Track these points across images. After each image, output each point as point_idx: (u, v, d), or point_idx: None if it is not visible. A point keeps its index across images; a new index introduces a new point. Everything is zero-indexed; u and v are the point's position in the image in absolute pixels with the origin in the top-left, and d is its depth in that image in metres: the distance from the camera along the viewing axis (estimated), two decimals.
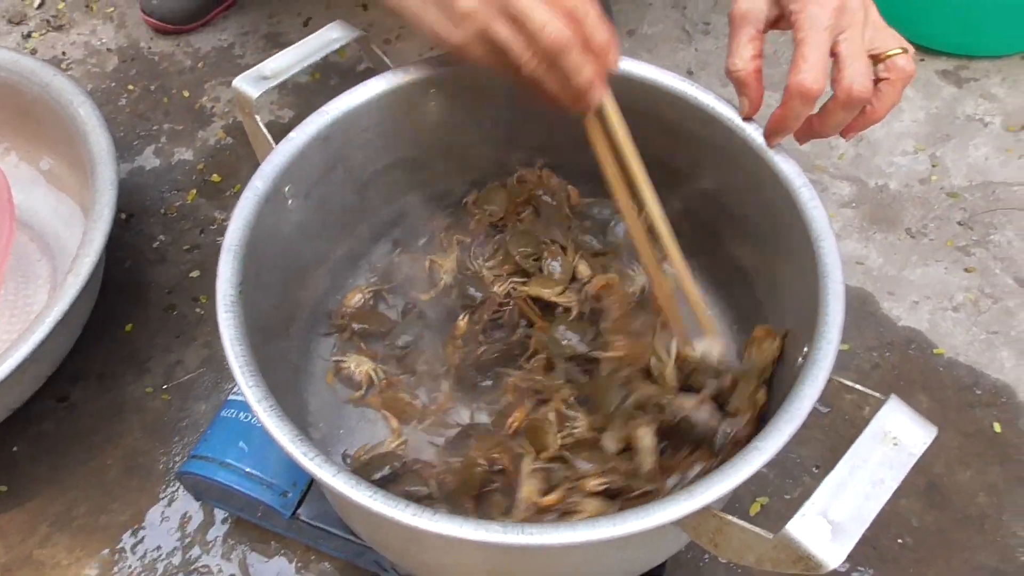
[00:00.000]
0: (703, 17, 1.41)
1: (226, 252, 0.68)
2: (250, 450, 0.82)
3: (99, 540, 0.93)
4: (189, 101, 1.31)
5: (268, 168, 0.73)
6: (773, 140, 0.74)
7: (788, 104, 0.69)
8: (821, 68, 0.67)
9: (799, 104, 0.69)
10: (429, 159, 0.88)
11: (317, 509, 0.81)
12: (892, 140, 1.25)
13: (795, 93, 0.68)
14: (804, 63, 0.67)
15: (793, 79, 0.68)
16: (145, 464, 0.98)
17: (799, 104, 0.69)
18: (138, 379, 1.04)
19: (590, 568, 0.65)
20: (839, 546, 0.53)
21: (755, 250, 0.82)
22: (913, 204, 1.19)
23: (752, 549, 0.57)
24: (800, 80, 0.67)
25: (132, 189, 1.20)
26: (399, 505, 0.55)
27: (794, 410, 0.60)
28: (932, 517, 0.95)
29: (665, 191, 0.89)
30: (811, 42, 0.67)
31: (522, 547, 0.54)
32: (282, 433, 0.59)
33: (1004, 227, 1.16)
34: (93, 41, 1.40)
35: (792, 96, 0.68)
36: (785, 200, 0.73)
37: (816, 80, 0.67)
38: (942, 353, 1.06)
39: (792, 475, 0.97)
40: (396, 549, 0.71)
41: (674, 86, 0.80)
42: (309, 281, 0.84)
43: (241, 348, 0.63)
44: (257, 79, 0.76)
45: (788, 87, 0.68)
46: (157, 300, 1.10)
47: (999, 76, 1.32)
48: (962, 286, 1.11)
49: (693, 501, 0.56)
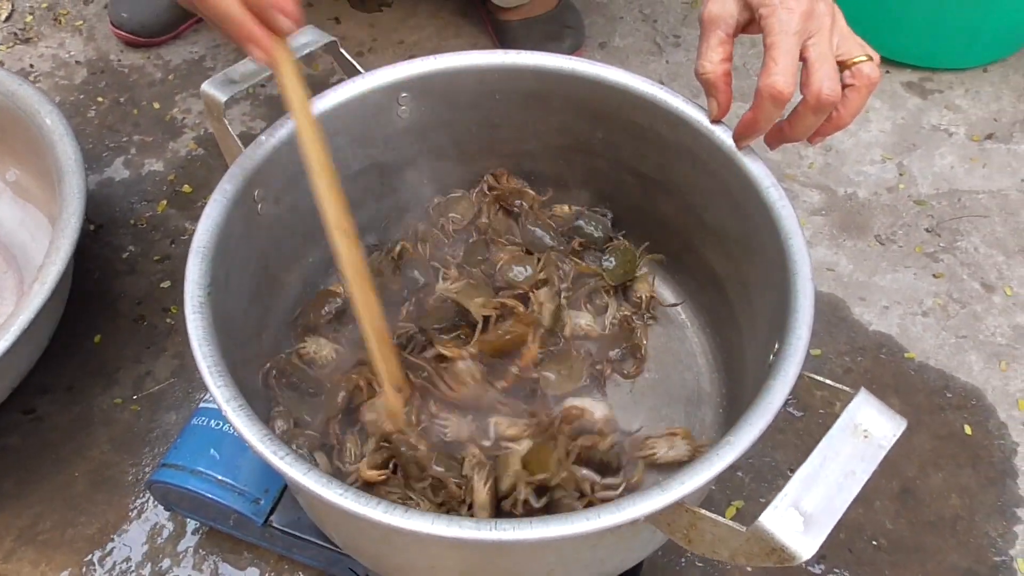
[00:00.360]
0: (673, 30, 1.42)
1: (194, 254, 0.67)
2: (221, 458, 0.81)
3: (65, 554, 0.91)
4: (159, 113, 1.30)
5: (237, 170, 0.73)
6: (742, 143, 0.75)
7: (759, 107, 0.70)
8: (792, 71, 0.68)
9: (770, 106, 0.69)
10: (399, 165, 0.88)
11: (290, 516, 0.80)
12: (860, 149, 1.27)
13: (766, 95, 0.68)
14: (775, 66, 0.68)
15: (764, 82, 0.68)
16: (113, 477, 0.96)
17: (770, 106, 0.69)
18: (106, 391, 1.02)
19: (565, 569, 0.65)
20: (811, 537, 0.53)
21: (725, 253, 0.83)
22: (882, 212, 1.20)
23: (726, 543, 0.57)
24: (772, 83, 0.68)
25: (101, 200, 1.19)
26: (370, 503, 0.54)
27: (765, 405, 0.60)
28: (906, 519, 0.95)
29: (637, 197, 0.90)
30: (781, 46, 0.68)
31: (494, 544, 0.53)
32: (251, 433, 0.58)
33: (970, 234, 1.18)
34: (61, 54, 1.39)
35: (763, 98, 0.69)
36: (754, 201, 0.74)
37: (787, 83, 0.68)
38: (913, 357, 1.07)
39: (767, 479, 0.97)
40: (369, 552, 0.70)
41: (643, 90, 0.81)
42: (281, 287, 0.83)
43: (210, 348, 0.62)
44: (226, 83, 0.76)
45: (759, 89, 0.69)
46: (126, 311, 1.09)
47: (962, 88, 1.35)
48: (931, 291, 1.12)
49: (666, 495, 0.56)
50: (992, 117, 1.30)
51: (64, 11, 1.45)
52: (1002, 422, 1.01)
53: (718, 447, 0.58)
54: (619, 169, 0.88)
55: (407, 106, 0.83)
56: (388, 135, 0.85)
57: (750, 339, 0.80)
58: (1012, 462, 0.99)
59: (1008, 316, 1.10)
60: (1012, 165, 1.25)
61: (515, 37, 1.35)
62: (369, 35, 1.42)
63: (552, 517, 0.55)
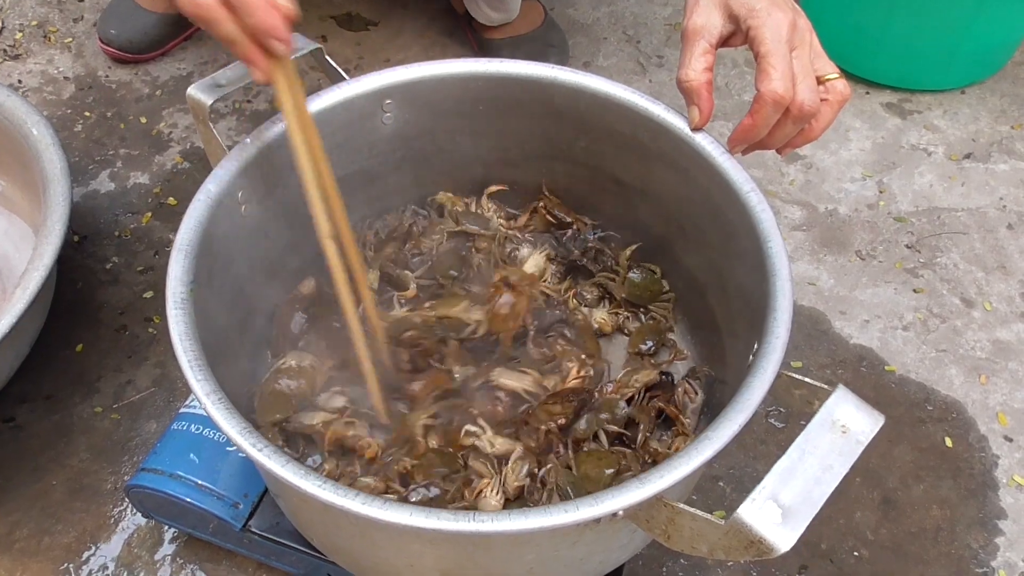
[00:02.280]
0: (656, 51, 1.44)
1: (177, 251, 0.67)
2: (201, 462, 0.81)
3: (41, 562, 0.90)
4: (146, 127, 1.31)
5: (221, 172, 0.73)
6: (737, 148, 0.76)
7: (759, 112, 0.71)
8: (790, 77, 0.69)
9: (770, 111, 0.70)
10: (383, 171, 0.88)
11: (269, 521, 0.80)
12: (840, 167, 1.28)
13: (768, 101, 0.69)
14: (774, 71, 0.69)
15: (765, 87, 0.69)
16: (92, 485, 0.96)
17: (770, 111, 0.70)
18: (86, 399, 1.02)
19: (545, 567, 0.65)
20: (790, 529, 0.53)
21: (706, 259, 0.83)
22: (862, 228, 1.21)
23: (704, 538, 0.57)
24: (772, 88, 0.69)
25: (85, 212, 1.19)
26: (348, 494, 0.54)
27: (744, 401, 0.61)
28: (887, 530, 0.95)
29: (619, 207, 0.91)
30: (777, 53, 0.70)
31: (473, 535, 0.53)
32: (231, 425, 0.58)
33: (950, 250, 1.19)
34: (50, 70, 1.40)
35: (764, 104, 0.70)
36: (734, 206, 0.75)
37: (787, 88, 0.69)
38: (894, 370, 1.07)
39: (748, 489, 0.94)
40: (349, 551, 0.70)
41: (625, 98, 0.82)
42: (263, 290, 0.83)
43: (191, 344, 0.62)
44: (211, 87, 0.76)
45: (760, 95, 0.70)
46: (109, 321, 1.09)
47: (940, 109, 1.37)
48: (911, 306, 1.13)
49: (644, 489, 0.56)
50: (970, 137, 1.32)
51: (53, 28, 1.46)
52: (982, 435, 1.02)
53: (698, 442, 0.59)
54: (601, 177, 0.89)
55: (391, 113, 0.84)
56: (372, 142, 0.85)
57: (731, 343, 0.80)
58: (992, 474, 0.99)
59: (988, 331, 1.11)
60: (990, 184, 1.27)
61: (500, 56, 1.36)
62: (356, 53, 1.43)
63: (531, 509, 0.54)
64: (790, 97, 0.69)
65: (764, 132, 0.73)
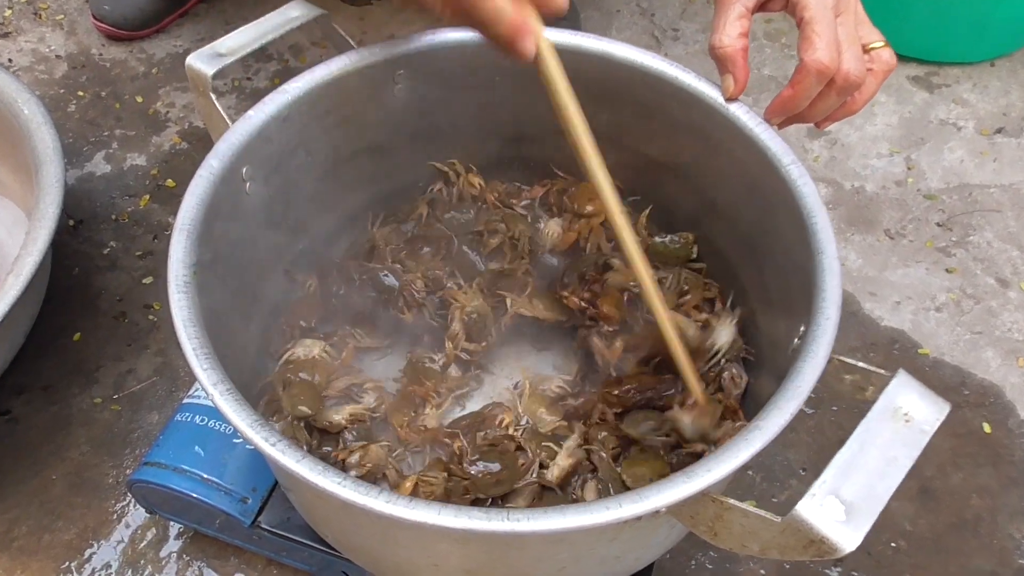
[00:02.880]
0: (672, 24, 1.39)
1: (179, 231, 0.62)
2: (206, 455, 0.77)
3: (41, 561, 0.86)
4: (142, 107, 1.26)
5: (223, 146, 0.68)
6: (774, 120, 0.71)
7: (802, 82, 0.66)
8: (835, 46, 0.65)
9: (814, 82, 0.66)
10: (394, 147, 0.84)
11: (280, 516, 0.75)
12: (866, 143, 1.23)
13: (812, 70, 0.65)
14: (819, 39, 0.65)
15: (809, 57, 0.65)
16: (93, 479, 0.91)
17: (814, 82, 0.66)
18: (86, 390, 0.97)
19: (578, 566, 0.60)
20: (853, 528, 0.49)
21: (738, 237, 0.79)
22: (890, 206, 1.17)
23: (756, 536, 0.52)
24: (817, 58, 0.64)
25: (81, 195, 1.14)
26: (371, 492, 0.50)
27: (795, 387, 0.56)
28: (926, 521, 0.91)
29: (644, 183, 0.86)
30: (821, 20, 0.65)
31: (506, 535, 0.49)
32: (240, 418, 0.53)
33: (983, 228, 1.14)
34: (42, 48, 1.34)
35: (808, 73, 0.65)
36: (772, 180, 0.70)
37: (832, 58, 0.65)
38: (927, 353, 1.03)
39: (779, 478, 0.93)
40: (367, 550, 0.65)
41: (654, 67, 0.77)
42: (270, 274, 0.78)
43: (195, 330, 0.58)
44: (212, 56, 0.71)
45: (804, 64, 0.65)
46: (107, 308, 1.04)
47: (970, 82, 1.32)
48: (944, 287, 1.09)
49: (691, 484, 0.51)
50: (1001, 112, 1.27)
51: (44, 5, 1.40)
52: (1022, 420, 0.98)
53: (747, 432, 0.54)
54: (624, 152, 0.84)
55: (403, 84, 0.79)
56: (383, 115, 0.80)
57: (767, 327, 0.75)
58: None
59: None
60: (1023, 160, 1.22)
61: None
62: (359, 28, 1.38)
63: (569, 507, 0.50)
64: (835, 67, 0.65)
65: (805, 104, 0.68)
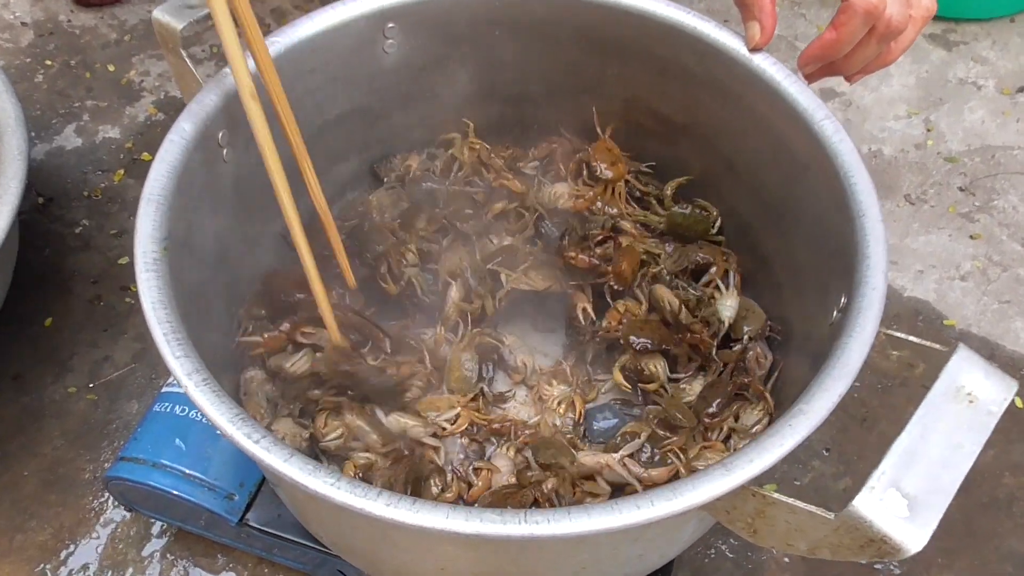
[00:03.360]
0: None
1: (147, 201, 0.56)
2: (188, 448, 0.71)
3: (13, 564, 0.81)
4: (115, 76, 1.19)
5: (197, 107, 0.61)
6: (809, 68, 0.65)
7: (846, 25, 0.60)
8: None
9: (859, 24, 0.60)
10: (385, 110, 0.77)
11: (269, 513, 0.70)
12: (883, 105, 1.17)
13: (859, 11, 0.59)
14: None
15: None
16: (68, 475, 0.86)
17: (859, 24, 0.60)
18: (59, 379, 0.91)
19: (598, 567, 0.54)
20: (919, 526, 0.43)
21: (761, 202, 0.73)
22: (910, 170, 1.11)
23: (804, 534, 0.46)
24: None
25: (50, 171, 1.07)
26: (370, 494, 0.44)
27: (842, 366, 0.51)
28: (955, 501, 0.83)
29: (656, 143, 0.80)
30: None
31: (524, 539, 0.43)
32: (219, 412, 0.47)
33: (1007, 192, 1.08)
34: (5, 15, 1.27)
35: (854, 15, 0.60)
36: (803, 137, 0.64)
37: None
38: (953, 324, 0.97)
39: (800, 460, 0.87)
40: (365, 553, 0.59)
41: (667, 15, 0.70)
42: (251, 249, 0.72)
43: (166, 313, 0.51)
44: (181, 8, 0.64)
45: (849, 6, 0.60)
46: (81, 291, 0.98)
47: (988, 39, 1.25)
48: (968, 254, 1.03)
49: (731, 477, 0.46)
50: (1023, 69, 1.21)
51: None
52: None
53: (790, 417, 0.48)
54: (635, 111, 0.78)
55: (395, 39, 0.72)
56: (372, 74, 0.73)
57: (794, 300, 0.70)
58: None
59: None
60: None
61: None
62: None
63: (594, 507, 0.44)
64: (883, 8, 0.59)
65: (847, 49, 0.62)
